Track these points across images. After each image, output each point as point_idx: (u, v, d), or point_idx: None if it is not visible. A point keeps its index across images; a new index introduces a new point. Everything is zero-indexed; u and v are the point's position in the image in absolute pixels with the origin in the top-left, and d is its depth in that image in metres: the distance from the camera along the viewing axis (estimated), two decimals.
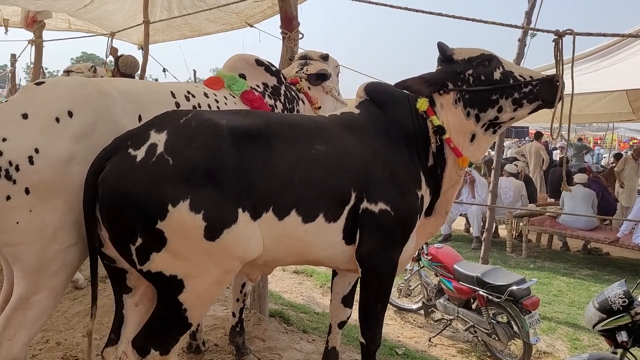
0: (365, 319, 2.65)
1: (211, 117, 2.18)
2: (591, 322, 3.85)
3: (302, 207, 2.23)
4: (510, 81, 2.55)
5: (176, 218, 1.92)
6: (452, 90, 2.56)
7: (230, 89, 2.93)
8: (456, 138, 2.57)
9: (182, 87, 2.70)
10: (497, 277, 5.11)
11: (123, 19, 6.86)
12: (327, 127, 2.45)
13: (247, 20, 6.34)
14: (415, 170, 2.53)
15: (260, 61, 3.14)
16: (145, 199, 1.90)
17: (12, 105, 2.14)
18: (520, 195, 9.76)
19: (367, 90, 2.71)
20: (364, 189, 2.36)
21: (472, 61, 2.57)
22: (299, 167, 2.23)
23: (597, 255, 9.40)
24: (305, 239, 2.29)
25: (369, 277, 2.53)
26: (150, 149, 1.98)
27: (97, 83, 2.31)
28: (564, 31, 2.86)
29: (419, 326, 5.88)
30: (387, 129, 2.54)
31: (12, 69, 9.53)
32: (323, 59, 3.62)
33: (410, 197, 2.48)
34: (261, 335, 3.84)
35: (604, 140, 28.60)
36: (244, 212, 2.07)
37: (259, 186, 2.12)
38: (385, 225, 2.40)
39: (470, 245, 9.56)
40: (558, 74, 2.63)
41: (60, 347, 3.56)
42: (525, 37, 5.97)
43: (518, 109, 2.57)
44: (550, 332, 5.79)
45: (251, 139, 2.17)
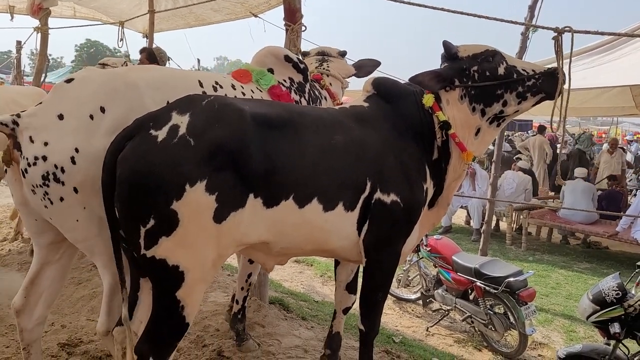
0: (365, 307, 2.73)
1: (234, 101, 2.22)
2: (585, 313, 3.92)
3: (324, 196, 2.28)
4: (514, 75, 2.62)
5: (192, 198, 1.94)
6: (458, 87, 2.62)
7: (257, 83, 2.96)
8: (461, 133, 2.64)
9: (210, 77, 2.72)
10: (495, 268, 5.18)
11: (129, 7, 6.91)
12: (341, 119, 2.50)
13: (252, 10, 6.36)
14: (421, 163, 2.60)
15: (290, 57, 3.17)
16: (164, 178, 1.92)
17: (47, 107, 2.19)
18: (524, 189, 9.79)
19: (375, 84, 2.76)
20: (378, 179, 2.42)
21: (477, 57, 2.63)
22: (322, 156, 2.28)
23: (596, 249, 9.46)
24: (325, 228, 2.34)
25: (372, 267, 2.60)
26: (172, 130, 1.99)
27: (124, 75, 2.33)
28: (562, 28, 2.93)
29: (417, 316, 5.96)
30: (395, 123, 2.60)
31: (17, 55, 9.58)
32: (341, 56, 3.68)
33: (416, 190, 2.55)
34: (261, 321, 3.92)
35: (608, 135, 28.52)
36: (255, 198, 2.10)
37: (279, 174, 2.15)
38: (394, 216, 2.47)
39: (470, 238, 9.62)
40: (559, 68, 2.69)
41: (65, 330, 3.65)
42: (527, 31, 5.99)
43: (522, 102, 2.64)
44: (546, 324, 5.86)
45: (274, 126, 2.20)
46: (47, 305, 2.58)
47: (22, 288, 2.54)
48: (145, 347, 2.11)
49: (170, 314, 2.09)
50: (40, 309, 2.55)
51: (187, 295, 2.08)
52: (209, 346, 3.46)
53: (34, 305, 2.54)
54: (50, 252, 2.49)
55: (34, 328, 2.56)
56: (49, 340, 3.46)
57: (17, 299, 2.54)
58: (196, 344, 3.51)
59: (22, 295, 2.53)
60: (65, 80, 2.29)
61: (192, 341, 3.53)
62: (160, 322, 2.11)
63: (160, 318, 2.10)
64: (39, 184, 2.12)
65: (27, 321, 2.54)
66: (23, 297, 2.52)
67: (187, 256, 2.03)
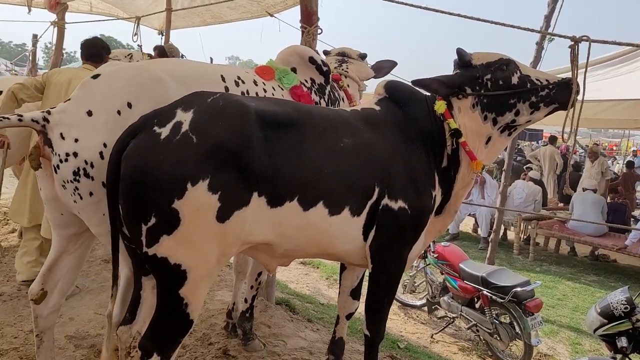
0: (371, 312, 2.71)
1: (240, 99, 2.17)
2: (592, 326, 3.91)
3: (330, 199, 2.24)
4: (527, 85, 2.58)
5: (193, 197, 1.91)
6: (471, 95, 2.59)
7: (280, 82, 2.95)
8: (472, 141, 2.60)
9: (232, 71, 2.70)
10: (502, 277, 5.17)
11: (146, 4, 6.96)
12: (352, 122, 2.46)
13: (268, 9, 6.38)
14: (430, 170, 2.57)
15: (314, 59, 3.16)
16: (166, 176, 1.89)
17: (76, 103, 2.20)
18: (534, 199, 9.77)
19: (387, 88, 2.72)
20: (386, 185, 2.39)
21: (490, 66, 2.60)
22: (330, 159, 2.24)
23: (605, 261, 9.40)
24: (329, 231, 2.30)
25: (378, 273, 2.56)
26: (176, 127, 1.97)
27: (149, 70, 2.34)
28: (580, 37, 2.91)
29: (422, 322, 5.95)
30: (406, 128, 2.56)
31: (33, 49, 9.66)
32: (361, 58, 3.69)
33: (425, 197, 2.51)
34: (267, 322, 3.92)
35: (619, 147, 28.35)
36: (259, 197, 2.07)
37: (284, 174, 2.11)
38: (401, 222, 2.43)
39: (477, 246, 9.59)
40: (573, 78, 2.67)
41: (72, 322, 3.67)
42: (543, 41, 5.96)
43: (535, 112, 2.61)
44: (552, 335, 5.84)
45: (281, 126, 2.17)
46: (62, 294, 2.62)
47: (39, 275, 2.58)
48: (149, 343, 2.09)
49: (174, 312, 2.07)
50: (56, 296, 2.59)
51: (190, 293, 2.06)
52: (214, 344, 3.47)
53: (50, 292, 2.57)
54: (70, 243, 2.54)
55: (49, 315, 2.60)
56: (56, 332, 3.45)
57: (34, 286, 2.57)
58: (202, 341, 3.51)
59: (39, 283, 2.56)
60: (91, 76, 2.30)
61: (198, 339, 3.54)
62: (164, 319, 2.09)
63: (164, 315, 2.09)
64: (70, 179, 2.14)
65: (43, 308, 2.57)
66: (40, 284, 2.56)
67: (189, 255, 2.00)
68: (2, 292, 4.13)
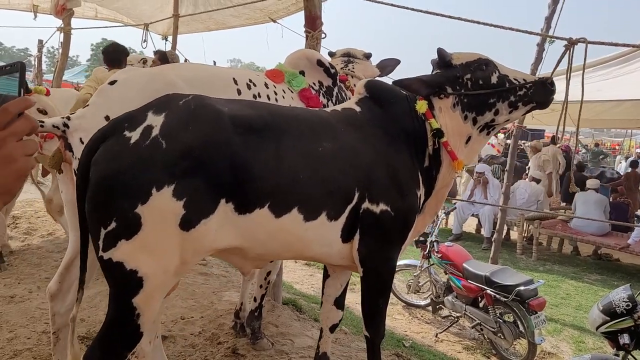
0: (368, 314, 2.66)
1: (212, 102, 2.10)
2: (595, 324, 3.96)
3: (305, 206, 2.17)
4: (506, 85, 2.58)
5: (157, 203, 1.86)
6: (452, 94, 2.58)
7: (289, 84, 3.01)
8: (453, 141, 2.59)
9: (244, 74, 2.76)
10: (505, 277, 5.21)
11: (150, 9, 7.04)
12: (332, 123, 2.40)
13: (271, 15, 6.45)
14: (414, 170, 2.53)
15: (322, 62, 3.22)
16: (131, 181, 1.84)
17: (94, 109, 2.28)
18: (536, 199, 9.81)
19: (368, 87, 2.67)
20: (366, 189, 2.33)
21: (470, 66, 2.60)
22: (306, 163, 2.18)
23: (607, 260, 9.44)
24: (305, 237, 2.24)
25: (369, 276, 2.52)
26: (146, 131, 1.91)
27: (164, 75, 2.40)
28: (576, 39, 2.97)
29: (426, 322, 6.00)
30: (387, 128, 2.51)
31: (38, 54, 9.76)
32: (366, 58, 3.74)
33: (410, 198, 2.48)
34: (275, 321, 3.99)
35: (622, 147, 28.35)
36: (226, 204, 2.00)
37: (255, 181, 2.03)
38: (385, 225, 2.39)
39: (480, 246, 9.63)
40: (551, 77, 2.67)
41: (83, 324, 3.74)
42: (544, 43, 6.03)
43: (513, 111, 2.62)
44: (555, 334, 5.88)
45: (254, 130, 2.09)
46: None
47: (57, 274, 2.67)
48: (96, 354, 2.00)
49: (124, 322, 1.98)
50: (72, 295, 2.66)
51: (144, 303, 1.97)
52: (223, 344, 3.54)
53: (67, 291, 2.65)
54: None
55: (65, 313, 2.67)
56: None
57: (52, 285, 2.65)
58: (211, 341, 3.58)
59: (57, 281, 2.64)
60: (108, 82, 2.37)
61: (207, 338, 3.61)
62: (113, 329, 2.00)
63: (113, 325, 2.00)
64: None
65: (60, 306, 2.65)
66: (58, 282, 2.64)
67: (147, 262, 1.92)
68: (14, 294, 4.21)
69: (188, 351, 3.43)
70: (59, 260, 5.13)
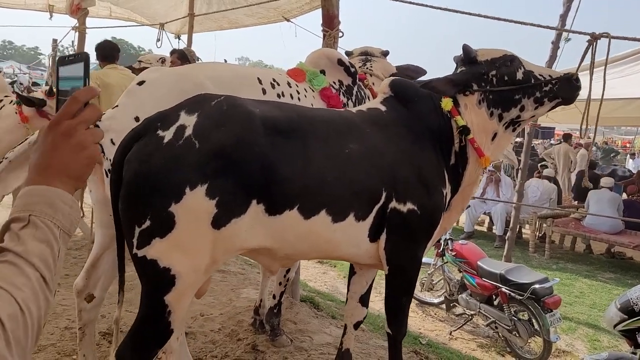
0: (391, 311, 2.68)
1: (244, 103, 2.13)
2: (612, 322, 3.94)
3: (333, 207, 2.19)
4: (531, 81, 2.58)
5: (190, 202, 1.89)
6: (477, 91, 2.58)
7: (310, 83, 3.04)
8: (479, 137, 2.59)
9: (268, 74, 2.79)
10: (521, 275, 5.23)
11: (164, 8, 7.08)
12: (357, 124, 2.41)
13: (285, 14, 6.47)
14: (439, 168, 2.54)
15: (342, 61, 3.24)
16: (166, 180, 1.86)
17: (123, 109, 2.31)
18: (549, 197, 9.78)
19: (392, 86, 2.66)
20: (393, 188, 2.34)
21: (495, 62, 2.59)
22: (333, 165, 2.19)
23: (621, 259, 9.40)
24: (333, 239, 2.26)
25: (395, 274, 2.53)
26: (179, 131, 1.94)
27: (191, 75, 2.42)
28: (599, 34, 2.95)
29: (440, 320, 6.02)
30: (413, 127, 2.52)
31: (52, 54, 9.84)
32: (384, 55, 3.74)
33: (436, 196, 2.48)
34: (293, 318, 4.02)
35: (633, 145, 28.12)
36: (257, 205, 2.02)
37: (285, 183, 2.05)
38: (412, 224, 2.40)
39: (492, 244, 9.62)
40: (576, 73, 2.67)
41: (104, 320, 3.78)
42: (558, 40, 6.02)
43: (539, 107, 2.61)
44: (570, 332, 5.88)
45: (284, 132, 2.11)
46: (104, 288, 2.73)
47: (83, 270, 2.71)
48: (128, 352, 2.03)
49: (156, 319, 2.00)
50: (98, 291, 2.70)
51: (175, 301, 2.00)
52: (243, 340, 3.57)
53: (93, 287, 2.69)
54: (112, 241, 2.65)
55: (92, 309, 2.71)
56: None
57: (78, 281, 2.69)
58: (231, 337, 3.62)
59: (83, 277, 2.68)
60: (137, 82, 2.39)
61: (227, 335, 3.65)
62: (145, 326, 2.03)
63: (145, 323, 2.02)
64: None
65: (86, 302, 2.69)
66: (84, 279, 2.68)
67: (180, 260, 1.95)
68: None
69: (209, 347, 3.47)
70: (78, 257, 5.21)
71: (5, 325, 0.75)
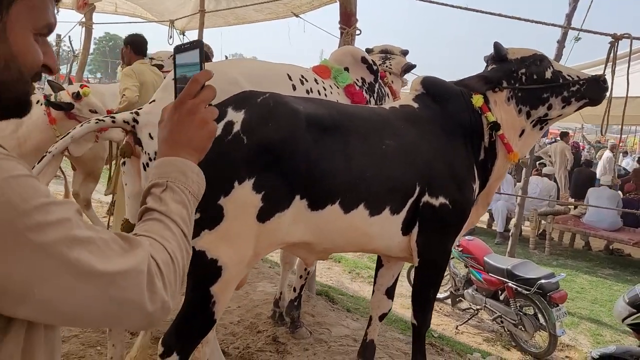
0: (418, 303, 2.79)
1: (289, 100, 2.19)
2: (621, 316, 4.03)
3: (371, 202, 2.27)
4: (560, 80, 2.69)
5: (239, 195, 1.96)
6: (506, 88, 2.67)
7: (335, 80, 3.10)
8: (508, 134, 2.68)
9: (296, 71, 2.85)
10: (527, 270, 5.31)
11: (173, 5, 7.09)
12: (391, 121, 2.49)
13: (294, 10, 6.49)
14: (470, 164, 2.63)
15: (366, 59, 3.32)
16: (215, 174, 1.84)
17: (160, 105, 2.27)
18: (548, 195, 9.89)
19: (424, 84, 2.76)
20: (426, 183, 2.43)
21: (525, 60, 2.70)
22: (372, 161, 2.28)
23: (619, 255, 9.54)
24: (369, 232, 2.35)
25: (425, 267, 2.63)
26: (227, 127, 1.99)
27: (225, 72, 2.46)
28: (621, 35, 3.03)
29: (445, 314, 6.10)
30: (444, 123, 2.61)
31: (57, 48, 9.82)
32: (403, 55, 3.82)
33: (466, 191, 2.58)
34: (310, 311, 4.10)
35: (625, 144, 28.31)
36: (301, 200, 2.10)
37: (328, 178, 2.13)
38: (443, 218, 2.50)
39: (493, 240, 9.70)
40: (607, 78, 2.79)
41: None
42: (564, 39, 6.09)
43: (566, 106, 2.72)
44: (573, 327, 5.98)
45: (326, 129, 2.19)
46: None
47: None
48: (173, 340, 2.09)
49: (202, 309, 2.06)
50: None
51: (220, 291, 2.06)
52: (263, 332, 3.64)
53: None
54: None
55: None
56: None
57: None
58: (251, 329, 3.68)
59: None
60: (173, 78, 2.44)
61: (247, 327, 3.71)
62: (191, 316, 2.09)
63: (191, 312, 2.09)
64: None
65: None
66: None
67: (227, 251, 2.02)
68: None
69: (229, 339, 3.54)
70: None
71: (162, 270, 0.87)
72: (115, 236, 0.84)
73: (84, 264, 0.75)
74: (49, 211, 0.74)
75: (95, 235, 0.79)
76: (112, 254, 0.80)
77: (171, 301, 0.88)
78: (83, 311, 0.78)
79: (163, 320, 0.90)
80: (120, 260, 0.80)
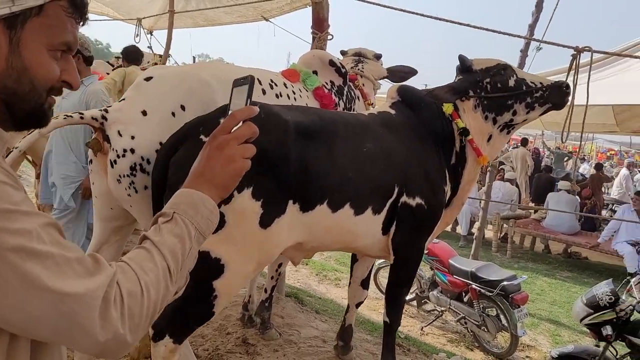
0: (391, 300, 2.94)
1: (278, 110, 2.27)
2: (579, 316, 4.18)
3: (355, 201, 2.39)
4: (523, 87, 2.83)
5: (239, 203, 2.03)
6: (473, 97, 2.83)
7: (304, 83, 3.14)
8: (476, 139, 2.84)
9: (265, 75, 2.87)
10: (490, 272, 5.44)
11: (141, 4, 7.00)
12: (371, 126, 2.63)
13: (264, 14, 6.52)
14: (441, 167, 2.79)
15: (334, 62, 3.36)
16: None
17: (131, 103, 2.36)
18: (510, 199, 10.16)
19: (400, 92, 2.93)
20: (404, 184, 2.58)
21: (489, 70, 2.84)
22: (354, 163, 2.39)
23: (577, 259, 9.87)
24: (354, 230, 2.47)
25: (400, 265, 2.80)
26: None
27: (196, 74, 2.48)
28: (582, 48, 3.19)
29: (411, 316, 6.18)
30: (419, 129, 2.77)
31: None
32: (377, 58, 3.87)
33: (439, 192, 2.74)
34: (280, 312, 4.12)
35: (583, 150, 29.19)
36: (294, 204, 2.19)
37: (316, 181, 2.23)
38: (419, 217, 2.64)
39: (457, 244, 9.90)
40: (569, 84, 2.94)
41: None
42: (527, 49, 6.29)
43: (530, 111, 2.86)
44: (533, 327, 6.16)
45: (311, 136, 2.28)
46: None
47: None
48: (165, 323, 2.13)
49: (202, 300, 2.13)
50: None
51: (223, 287, 2.13)
52: (232, 334, 3.64)
53: None
54: (112, 234, 2.69)
55: None
56: None
57: None
58: (220, 331, 3.68)
59: None
60: (144, 78, 2.44)
61: (216, 329, 3.71)
62: (189, 304, 2.14)
63: (191, 301, 2.13)
64: (127, 174, 2.29)
65: None
66: None
67: (230, 252, 2.09)
68: None
69: (198, 341, 3.53)
70: None
71: (124, 300, 0.84)
72: (86, 258, 0.84)
73: (35, 277, 0.75)
74: (11, 219, 0.75)
75: (57, 252, 0.78)
76: (70, 274, 0.79)
77: (130, 335, 0.84)
78: (33, 323, 0.77)
79: (120, 355, 0.86)
80: (76, 281, 0.78)
